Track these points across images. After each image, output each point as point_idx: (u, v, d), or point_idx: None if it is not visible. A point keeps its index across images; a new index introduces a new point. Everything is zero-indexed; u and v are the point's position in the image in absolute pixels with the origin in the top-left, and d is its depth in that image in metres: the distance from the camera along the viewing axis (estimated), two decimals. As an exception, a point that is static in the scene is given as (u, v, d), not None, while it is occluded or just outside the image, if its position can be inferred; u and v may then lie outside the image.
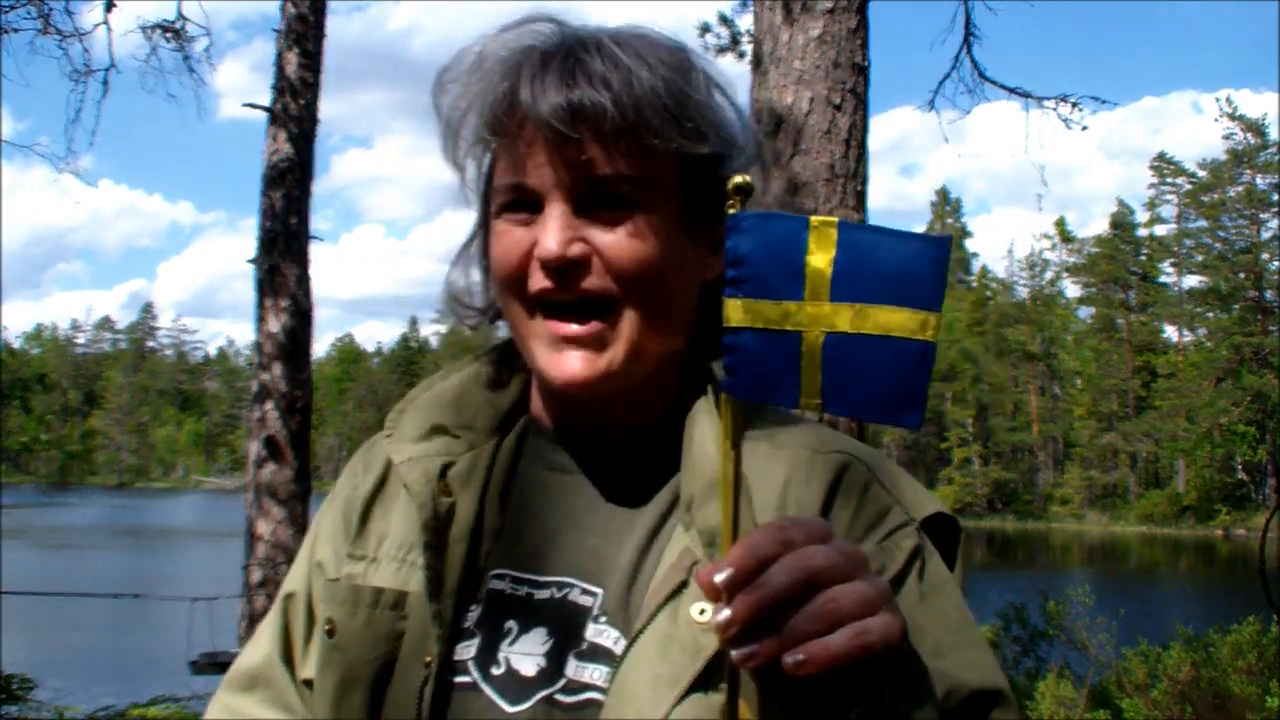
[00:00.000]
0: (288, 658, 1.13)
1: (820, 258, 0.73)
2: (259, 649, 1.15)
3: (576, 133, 0.95)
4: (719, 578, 0.72)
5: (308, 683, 1.09)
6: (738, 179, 0.75)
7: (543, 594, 1.01)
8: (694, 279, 1.04)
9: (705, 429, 0.99)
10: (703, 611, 0.91)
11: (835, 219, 0.73)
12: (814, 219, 0.74)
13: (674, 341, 1.03)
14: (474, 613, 1.03)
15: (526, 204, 0.99)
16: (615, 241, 0.98)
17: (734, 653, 0.72)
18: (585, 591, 1.00)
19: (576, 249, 0.97)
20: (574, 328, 0.98)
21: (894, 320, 0.72)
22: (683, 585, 0.93)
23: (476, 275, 1.12)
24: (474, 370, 1.14)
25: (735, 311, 0.76)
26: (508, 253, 1.00)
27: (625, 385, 1.01)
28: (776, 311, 0.75)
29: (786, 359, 0.75)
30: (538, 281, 0.99)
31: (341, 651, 1.03)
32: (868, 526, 0.97)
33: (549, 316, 0.99)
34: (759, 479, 0.97)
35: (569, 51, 0.98)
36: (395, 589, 1.03)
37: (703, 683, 0.89)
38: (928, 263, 0.72)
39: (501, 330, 1.13)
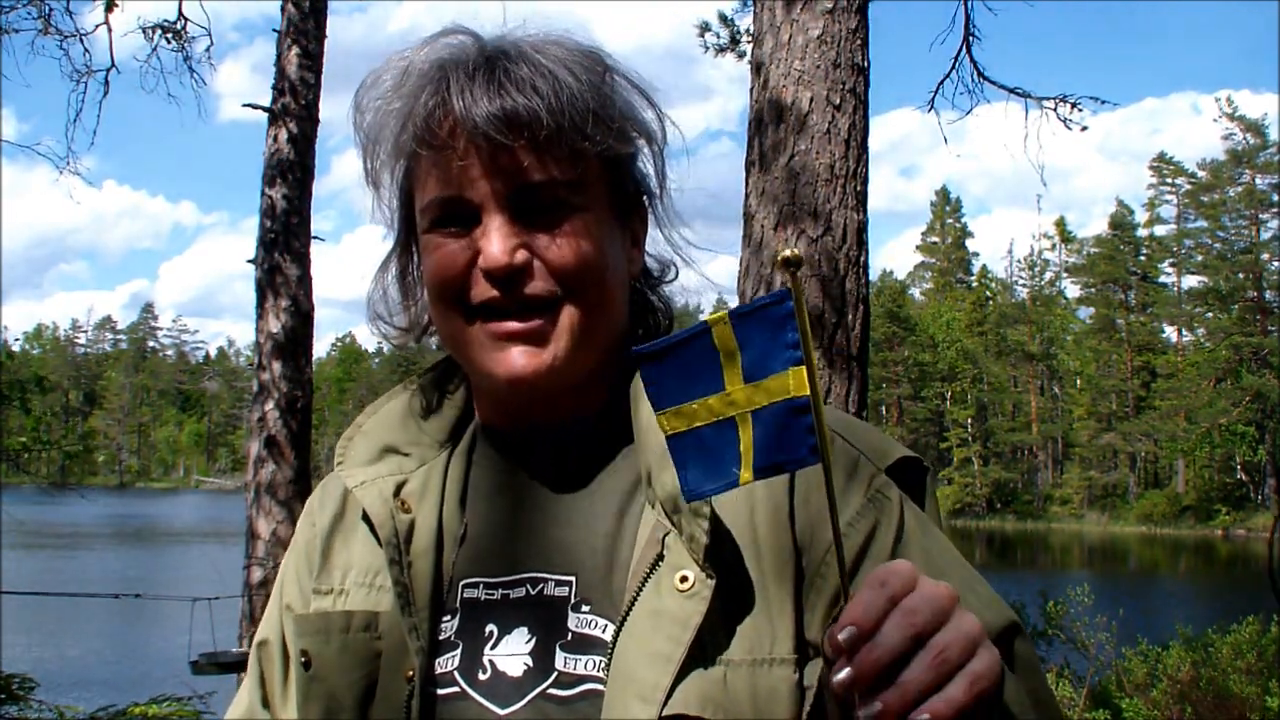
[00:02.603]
0: (266, 704, 1.13)
1: (729, 352, 0.80)
2: (239, 704, 1.16)
3: (511, 140, 0.96)
4: (842, 636, 0.75)
5: None
6: (787, 253, 0.76)
7: (517, 593, 1.02)
8: (625, 272, 1.07)
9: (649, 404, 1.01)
10: (684, 579, 0.92)
11: (725, 313, 0.80)
12: (710, 319, 0.80)
13: (612, 332, 1.05)
14: (450, 624, 1.03)
15: (461, 217, 1.00)
16: (555, 245, 0.99)
17: (861, 713, 0.75)
18: (558, 583, 1.01)
19: (520, 256, 0.99)
20: (515, 325, 1.00)
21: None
22: (659, 558, 0.94)
23: (395, 295, 1.13)
24: (416, 389, 1.16)
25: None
26: (446, 265, 1.01)
27: (569, 378, 1.02)
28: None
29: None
30: (482, 291, 1.00)
31: (320, 682, 1.03)
32: (843, 481, 0.98)
33: (489, 320, 1.01)
34: None
35: (493, 61, 0.99)
36: (366, 610, 1.04)
37: (699, 658, 0.91)
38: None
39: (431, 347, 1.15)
